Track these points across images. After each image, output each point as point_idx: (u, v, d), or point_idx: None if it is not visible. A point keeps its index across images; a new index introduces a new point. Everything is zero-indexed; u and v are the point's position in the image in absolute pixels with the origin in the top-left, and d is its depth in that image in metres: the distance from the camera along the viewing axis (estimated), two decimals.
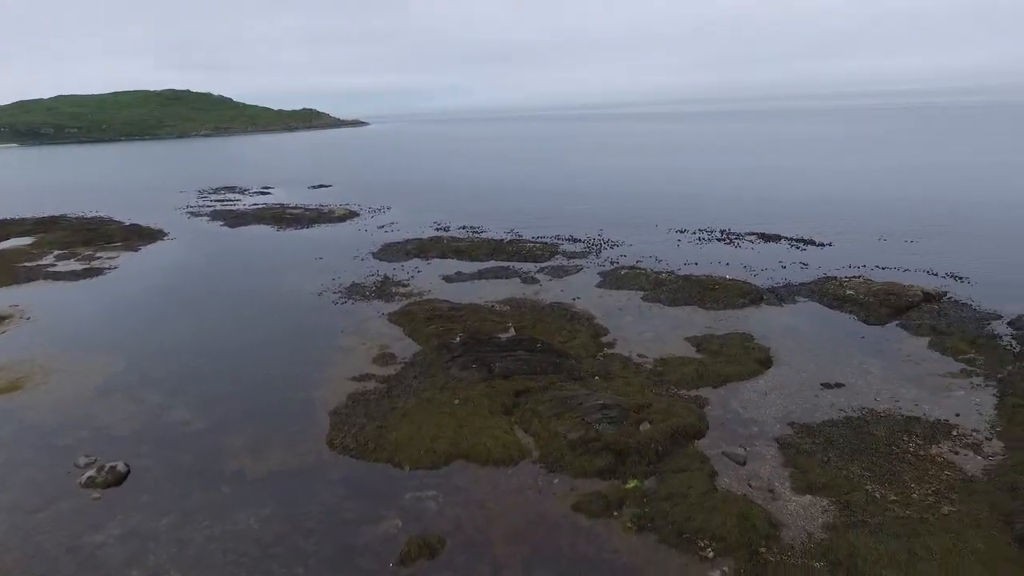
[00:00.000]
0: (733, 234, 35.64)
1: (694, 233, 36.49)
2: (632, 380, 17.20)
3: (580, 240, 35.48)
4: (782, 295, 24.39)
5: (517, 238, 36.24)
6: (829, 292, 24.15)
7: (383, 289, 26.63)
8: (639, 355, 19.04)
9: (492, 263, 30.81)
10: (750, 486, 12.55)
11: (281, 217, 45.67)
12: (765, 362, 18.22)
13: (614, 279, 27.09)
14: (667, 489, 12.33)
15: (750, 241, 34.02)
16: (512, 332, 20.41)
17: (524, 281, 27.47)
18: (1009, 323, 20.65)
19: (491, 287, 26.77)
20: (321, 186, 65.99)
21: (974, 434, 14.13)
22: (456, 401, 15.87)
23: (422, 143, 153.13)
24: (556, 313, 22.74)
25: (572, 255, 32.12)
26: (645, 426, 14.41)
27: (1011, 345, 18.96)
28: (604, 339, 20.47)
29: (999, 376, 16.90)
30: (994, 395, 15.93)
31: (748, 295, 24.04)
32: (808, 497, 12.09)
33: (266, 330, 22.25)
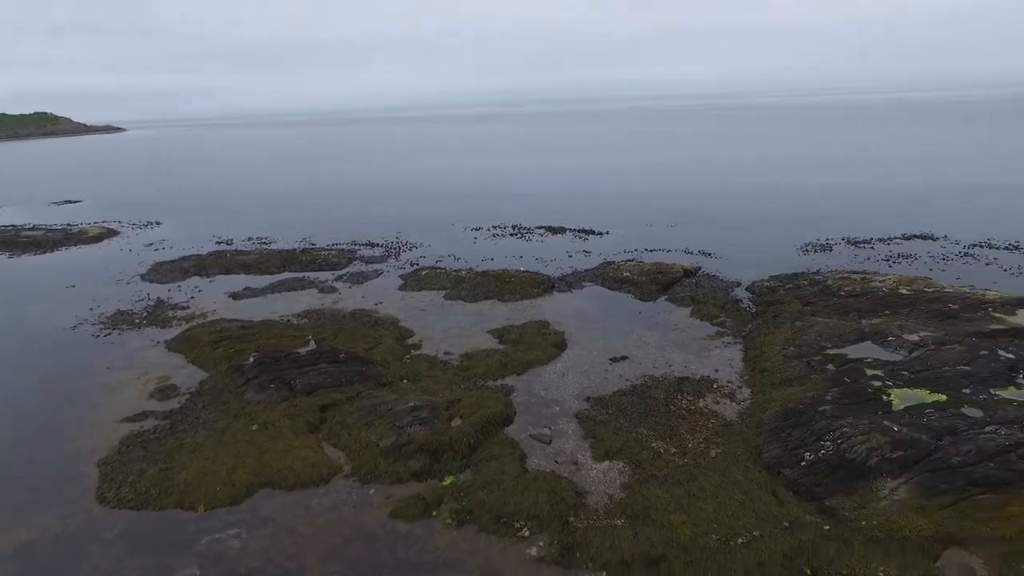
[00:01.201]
0: (524, 229, 37.79)
1: (488, 230, 37.96)
2: (440, 378, 17.37)
3: (378, 244, 34.92)
4: (571, 282, 26.44)
5: (311, 247, 34.54)
6: (609, 275, 26.74)
7: (157, 314, 23.61)
8: (445, 353, 19.29)
9: (286, 275, 28.99)
10: (557, 462, 13.41)
11: (14, 242, 38.15)
12: (561, 345, 19.60)
13: (415, 281, 27.12)
14: (482, 479, 12.67)
15: (539, 234, 36.34)
16: (313, 345, 19.40)
17: (322, 291, 26.28)
18: (747, 288, 24.75)
19: (286, 300, 25.17)
20: (67, 202, 56.48)
21: (729, 385, 16.67)
22: (254, 427, 14.66)
23: (193, 150, 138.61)
24: (359, 320, 22.11)
25: (371, 260, 31.48)
26: (456, 422, 14.64)
27: (749, 307, 22.72)
28: (410, 341, 20.39)
29: (743, 333, 20.15)
30: (741, 350, 18.96)
31: (541, 285, 25.66)
32: (606, 463, 13.27)
33: (3, 377, 18.46)
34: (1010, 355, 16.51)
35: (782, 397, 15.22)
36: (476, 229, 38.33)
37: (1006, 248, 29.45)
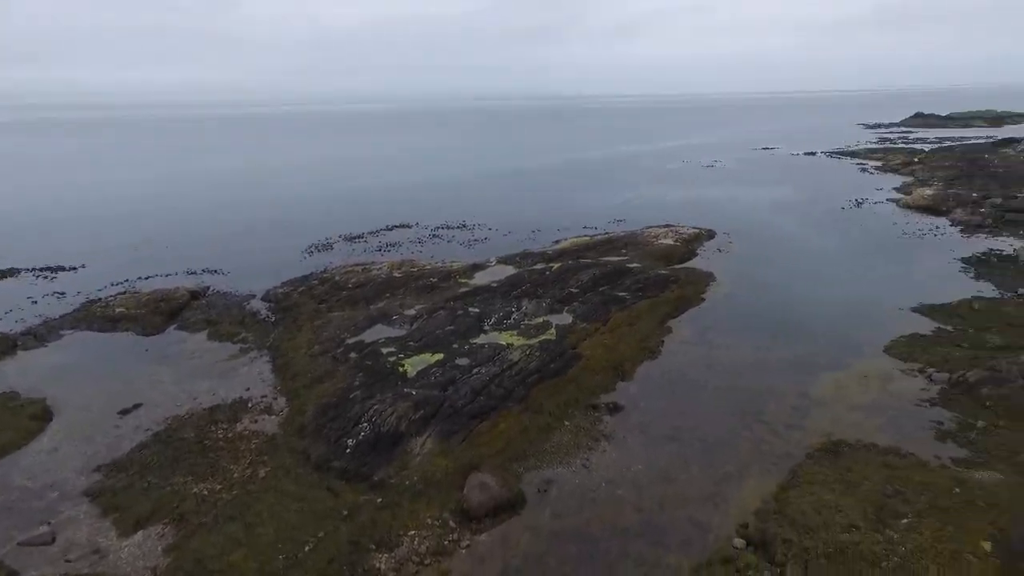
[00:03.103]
0: None
1: None
2: None
3: None
4: (42, 334, 21.02)
5: None
6: (98, 315, 22.39)
7: None
8: None
9: None
10: (69, 561, 10.63)
11: None
12: (43, 415, 15.46)
13: None
14: None
15: None
16: None
17: None
18: (263, 299, 24.41)
19: None
20: None
21: (264, 399, 16.21)
22: None
23: None
24: None
25: None
26: None
27: (269, 316, 22.51)
28: None
29: (268, 344, 19.84)
30: (269, 361, 18.64)
31: None
32: (139, 533, 11.22)
33: None
34: (477, 310, 21.06)
35: (317, 395, 15.70)
36: None
37: (458, 227, 37.28)
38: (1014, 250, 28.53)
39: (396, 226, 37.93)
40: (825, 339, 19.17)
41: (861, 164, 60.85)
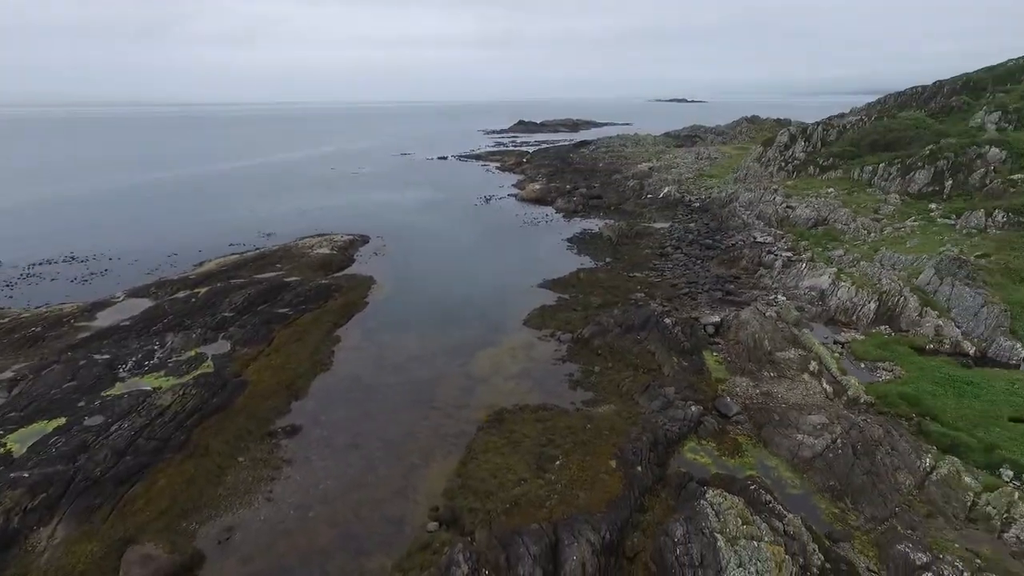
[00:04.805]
0: None
1: None
2: None
3: None
4: None
5: None
6: None
7: None
8: None
9: None
10: None
11: None
12: None
13: None
14: None
15: None
16: None
17: None
18: None
19: None
20: None
21: None
22: None
23: None
24: None
25: None
26: None
27: None
28: None
29: None
30: None
31: None
32: None
33: None
34: (107, 356, 17.61)
35: None
36: None
37: (65, 260, 30.41)
38: (599, 229, 36.18)
39: None
40: (477, 322, 21.46)
41: (484, 165, 69.49)
